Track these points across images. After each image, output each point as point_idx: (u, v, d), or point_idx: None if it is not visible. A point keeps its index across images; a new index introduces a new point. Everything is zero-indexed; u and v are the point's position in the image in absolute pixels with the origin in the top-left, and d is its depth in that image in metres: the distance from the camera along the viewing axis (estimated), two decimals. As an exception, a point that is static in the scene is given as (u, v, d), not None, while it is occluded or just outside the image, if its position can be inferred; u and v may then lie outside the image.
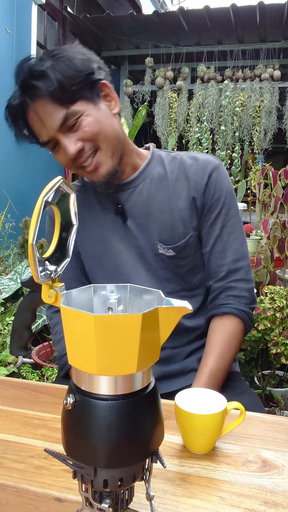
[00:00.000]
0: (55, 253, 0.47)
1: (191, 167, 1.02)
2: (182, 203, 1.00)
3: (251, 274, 1.04)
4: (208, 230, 1.02)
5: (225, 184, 1.03)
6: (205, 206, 1.01)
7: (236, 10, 4.59)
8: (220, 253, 1.01)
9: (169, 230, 1.00)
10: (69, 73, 0.85)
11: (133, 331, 0.40)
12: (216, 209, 1.01)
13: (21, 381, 0.94)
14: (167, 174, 1.03)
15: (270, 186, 2.31)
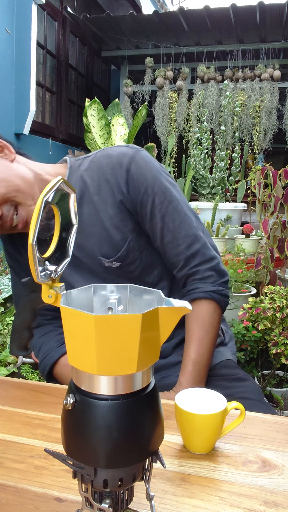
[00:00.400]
0: (55, 253, 0.47)
1: (107, 168, 0.97)
2: (111, 209, 0.96)
3: (210, 252, 1.00)
4: (151, 225, 0.97)
5: (148, 172, 0.96)
6: (136, 203, 0.96)
7: (236, 10, 4.59)
8: (171, 243, 0.97)
9: (107, 241, 0.97)
10: None
11: (133, 331, 0.40)
12: (149, 202, 0.95)
13: (21, 381, 0.94)
14: (87, 184, 0.98)
15: (270, 186, 2.31)
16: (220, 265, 1.00)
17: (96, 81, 6.01)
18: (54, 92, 4.82)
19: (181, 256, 0.97)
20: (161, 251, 1.00)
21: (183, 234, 0.97)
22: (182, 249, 0.97)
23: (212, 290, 0.97)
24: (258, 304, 2.11)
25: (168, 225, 0.96)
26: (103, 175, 0.97)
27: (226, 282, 1.01)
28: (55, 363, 1.03)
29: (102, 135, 4.21)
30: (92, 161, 1.01)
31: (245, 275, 2.50)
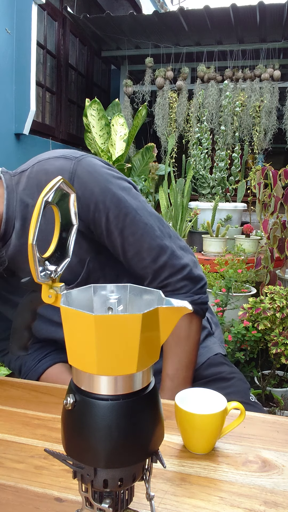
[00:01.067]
0: (55, 253, 0.47)
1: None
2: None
3: (180, 260, 0.91)
4: (109, 242, 0.88)
5: (94, 185, 0.85)
6: (88, 224, 0.86)
7: (236, 10, 4.59)
8: (136, 257, 0.89)
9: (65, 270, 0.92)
10: None
11: (133, 331, 0.40)
12: (102, 219, 0.85)
13: (21, 381, 0.94)
14: (29, 207, 0.87)
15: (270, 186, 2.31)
16: (192, 272, 0.93)
17: (96, 81, 6.01)
18: (54, 92, 4.81)
19: (148, 269, 0.90)
20: (126, 265, 0.93)
21: (146, 247, 0.88)
22: (148, 263, 0.89)
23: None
24: (258, 304, 2.11)
25: (128, 239, 0.87)
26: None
27: (202, 287, 0.95)
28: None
29: (102, 135, 4.21)
30: (29, 177, 0.89)
31: (245, 275, 2.50)
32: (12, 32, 3.65)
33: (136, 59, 5.71)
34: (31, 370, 1.04)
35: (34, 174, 0.88)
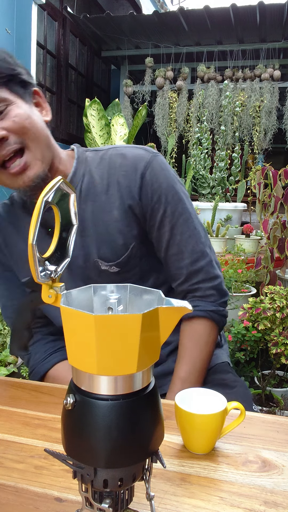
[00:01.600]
0: (55, 253, 0.47)
1: (120, 169, 0.92)
2: (117, 212, 0.91)
3: (214, 270, 0.97)
4: (158, 234, 0.93)
5: (163, 179, 0.92)
6: (146, 211, 0.92)
7: (236, 10, 4.59)
8: (176, 256, 0.94)
9: (108, 245, 0.92)
10: None
11: (133, 331, 0.40)
12: (160, 211, 0.92)
13: (21, 381, 0.94)
14: (95, 181, 0.93)
15: (270, 186, 2.31)
16: (222, 285, 0.98)
17: (96, 81, 6.01)
18: (54, 92, 4.82)
19: (184, 270, 0.94)
20: (163, 262, 0.97)
21: (190, 248, 0.94)
22: (186, 264, 0.94)
23: (212, 310, 0.95)
24: (258, 304, 2.11)
25: (176, 237, 0.93)
26: (115, 175, 0.93)
27: (226, 302, 0.99)
28: (42, 378, 1.02)
29: (102, 135, 4.21)
30: (103, 157, 0.95)
31: (245, 275, 2.50)
32: (12, 32, 3.65)
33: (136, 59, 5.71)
34: (38, 364, 1.03)
35: (109, 156, 0.95)
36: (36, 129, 0.84)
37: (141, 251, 0.95)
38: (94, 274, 0.94)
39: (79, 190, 0.93)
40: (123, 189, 0.92)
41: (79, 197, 0.92)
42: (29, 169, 0.84)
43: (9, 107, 0.82)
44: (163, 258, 0.96)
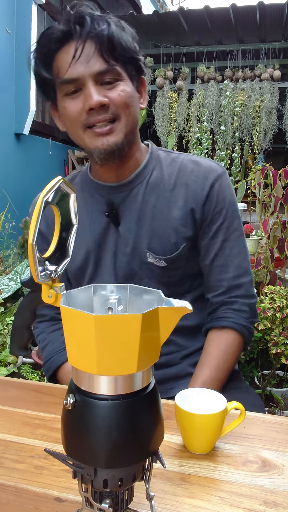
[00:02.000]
0: (55, 253, 0.47)
1: (191, 174, 0.98)
2: (177, 211, 0.96)
3: (253, 290, 1.01)
4: (209, 243, 0.98)
5: (228, 195, 0.99)
6: (206, 218, 0.97)
7: (236, 10, 4.59)
8: (221, 268, 0.98)
9: (159, 239, 0.96)
10: (127, 38, 0.87)
11: (133, 331, 0.40)
12: (218, 221, 0.97)
13: (21, 381, 0.94)
14: (164, 178, 0.98)
15: (270, 186, 2.31)
16: (255, 306, 1.02)
17: (96, 81, 6.01)
18: (54, 92, 4.81)
19: (225, 282, 0.98)
20: (205, 271, 1.01)
21: (236, 263, 0.98)
22: (229, 277, 0.98)
23: (243, 325, 0.97)
24: (258, 304, 2.11)
25: (225, 250, 0.98)
26: (183, 177, 0.98)
27: (254, 323, 1.03)
28: (59, 368, 1.02)
29: (102, 135, 4.20)
30: (174, 159, 1.01)
31: (245, 275, 2.49)
32: (12, 32, 3.65)
33: (136, 59, 5.70)
34: (57, 354, 1.02)
35: (181, 160, 1.00)
36: (132, 109, 0.90)
37: (189, 254, 0.98)
38: (136, 265, 0.98)
39: (147, 182, 0.98)
40: (189, 192, 0.96)
41: (145, 188, 0.98)
42: (111, 135, 0.88)
43: (119, 81, 0.87)
44: (207, 267, 1.00)
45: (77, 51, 0.83)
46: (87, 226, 1.00)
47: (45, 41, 0.87)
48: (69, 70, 0.85)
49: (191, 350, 1.04)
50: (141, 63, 0.92)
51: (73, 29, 0.83)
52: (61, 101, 0.90)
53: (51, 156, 4.54)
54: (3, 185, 3.63)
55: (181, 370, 1.02)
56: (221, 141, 4.07)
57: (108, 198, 0.97)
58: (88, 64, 0.84)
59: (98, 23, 0.84)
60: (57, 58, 0.87)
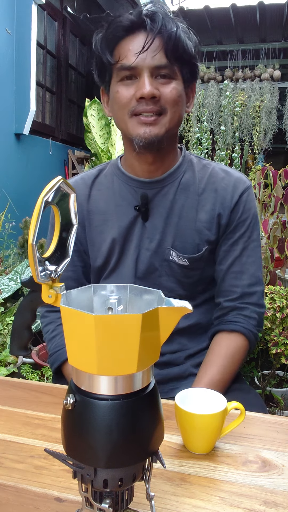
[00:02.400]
0: (55, 253, 0.47)
1: (222, 181, 1.01)
2: (204, 215, 0.99)
3: (263, 300, 1.04)
4: (228, 249, 1.02)
5: (253, 206, 1.04)
6: (230, 224, 1.01)
7: (236, 10, 4.59)
8: (236, 274, 1.01)
9: (184, 239, 0.99)
10: (189, 43, 0.91)
11: (133, 331, 0.40)
12: (241, 230, 1.01)
13: (21, 381, 0.94)
14: (195, 181, 1.02)
15: (270, 186, 2.31)
16: (263, 316, 1.05)
17: (96, 81, 6.00)
18: (54, 92, 4.81)
19: (239, 289, 1.01)
20: (220, 275, 1.03)
21: (251, 272, 1.02)
22: (243, 284, 1.01)
23: (252, 331, 1.00)
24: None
25: (242, 258, 1.01)
26: (214, 184, 1.01)
27: (260, 332, 1.06)
28: (65, 361, 1.02)
29: (102, 135, 4.21)
30: (206, 165, 1.05)
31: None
32: (12, 32, 3.65)
33: (136, 59, 5.70)
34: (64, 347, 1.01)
35: (213, 167, 1.04)
36: (179, 108, 0.94)
37: (208, 258, 1.02)
38: (157, 261, 1.00)
39: (178, 182, 1.01)
40: (218, 198, 1.00)
41: (176, 188, 1.01)
42: (155, 126, 0.91)
43: (172, 80, 0.92)
44: (223, 272, 1.02)
45: (146, 42, 0.87)
46: (114, 217, 1.02)
47: (113, 28, 0.91)
48: (131, 58, 0.89)
49: (195, 350, 1.05)
50: (197, 69, 0.97)
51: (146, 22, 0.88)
52: (114, 85, 0.93)
53: (51, 156, 4.54)
54: (3, 185, 3.63)
55: (184, 370, 1.03)
56: (221, 141, 4.07)
57: (143, 192, 0.99)
58: (150, 56, 0.88)
59: (169, 22, 0.89)
60: (121, 44, 0.91)
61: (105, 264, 1.04)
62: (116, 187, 1.04)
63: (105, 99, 1.02)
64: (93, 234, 1.04)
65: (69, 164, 4.93)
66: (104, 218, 1.03)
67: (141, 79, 0.89)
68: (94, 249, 1.04)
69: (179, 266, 0.99)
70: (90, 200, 1.05)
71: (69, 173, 4.86)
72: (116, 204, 1.02)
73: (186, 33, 0.92)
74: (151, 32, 0.88)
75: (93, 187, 1.06)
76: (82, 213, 1.04)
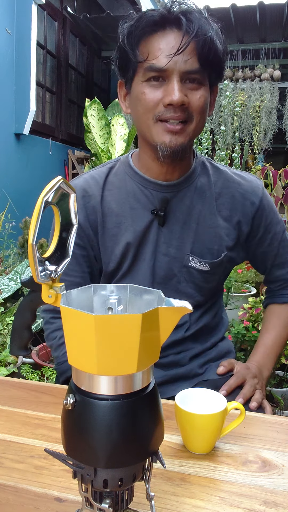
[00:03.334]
0: (55, 253, 0.47)
1: (238, 187, 1.00)
2: (222, 221, 0.99)
3: None
4: (267, 250, 1.06)
5: (273, 205, 1.05)
6: (256, 230, 1.02)
7: (236, 10, 4.59)
8: (278, 266, 1.09)
9: (203, 244, 0.98)
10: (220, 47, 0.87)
11: (133, 331, 0.40)
12: (272, 231, 1.04)
13: (21, 381, 0.94)
14: (211, 186, 1.00)
15: (270, 186, 2.31)
16: None
17: (96, 81, 6.01)
18: (54, 92, 4.81)
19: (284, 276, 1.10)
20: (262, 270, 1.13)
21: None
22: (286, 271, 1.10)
23: None
24: (258, 304, 2.11)
25: (280, 251, 1.07)
26: (230, 188, 1.00)
27: None
28: None
29: (102, 135, 4.21)
30: (218, 168, 1.04)
31: (245, 275, 2.50)
32: (12, 32, 3.65)
33: (136, 59, 5.69)
34: None
35: (225, 171, 1.04)
36: (204, 116, 0.91)
37: (224, 264, 1.02)
38: (176, 267, 0.99)
39: (195, 186, 0.99)
40: (237, 205, 1.00)
41: (193, 193, 0.99)
42: (181, 135, 0.88)
43: (201, 86, 0.88)
44: (267, 268, 1.10)
45: (182, 45, 0.82)
46: (129, 220, 0.98)
47: (144, 22, 0.86)
48: (162, 59, 0.83)
49: (200, 350, 1.05)
50: (222, 74, 0.94)
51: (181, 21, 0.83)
52: (139, 85, 0.88)
53: (51, 156, 4.53)
54: (3, 185, 3.63)
55: (190, 370, 1.03)
56: (221, 141, 4.07)
57: (163, 196, 0.96)
58: (183, 60, 0.83)
59: (205, 24, 0.84)
60: (150, 41, 0.85)
61: (117, 268, 1.00)
62: (129, 188, 0.99)
63: (122, 93, 0.96)
64: (105, 237, 0.99)
65: (69, 164, 4.93)
66: (117, 220, 0.98)
67: (170, 83, 0.84)
68: (107, 253, 1.00)
69: (199, 271, 0.98)
70: (103, 201, 0.99)
71: (69, 173, 4.86)
72: (130, 207, 0.98)
73: (218, 36, 0.88)
74: (187, 34, 0.82)
75: (105, 187, 1.01)
76: (95, 216, 0.99)
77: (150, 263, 0.98)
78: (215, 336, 1.09)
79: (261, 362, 1.04)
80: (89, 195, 0.99)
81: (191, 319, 1.03)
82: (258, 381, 0.97)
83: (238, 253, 1.03)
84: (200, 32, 0.83)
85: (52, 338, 1.03)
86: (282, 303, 1.11)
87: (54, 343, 1.01)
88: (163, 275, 0.99)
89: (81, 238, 0.99)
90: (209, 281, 1.01)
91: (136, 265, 0.99)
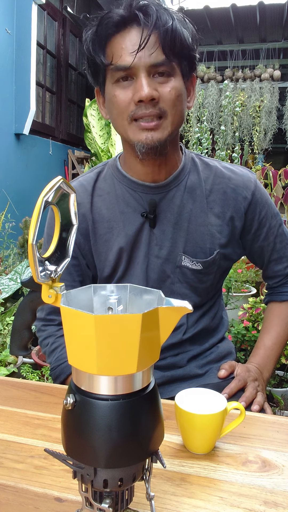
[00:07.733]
0: (55, 253, 0.47)
1: (229, 182, 0.98)
2: (214, 218, 0.97)
3: None
4: (263, 244, 1.04)
5: (267, 197, 1.03)
6: (251, 224, 1.00)
7: (236, 10, 4.59)
8: (277, 260, 1.08)
9: (195, 243, 0.97)
10: (187, 34, 0.85)
11: (133, 331, 0.40)
12: (267, 224, 1.02)
13: (21, 381, 0.94)
14: (201, 183, 0.98)
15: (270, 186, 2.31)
16: None
17: (96, 81, 6.00)
18: (54, 92, 4.81)
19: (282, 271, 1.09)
20: (260, 265, 1.11)
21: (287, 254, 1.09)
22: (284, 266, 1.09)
23: None
24: (258, 304, 2.11)
25: (277, 246, 1.06)
26: (221, 184, 0.98)
27: None
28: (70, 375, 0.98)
29: (102, 135, 4.21)
30: (208, 164, 1.02)
31: (245, 275, 2.50)
32: (12, 32, 3.65)
33: (136, 59, 5.69)
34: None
35: (215, 166, 1.01)
36: (180, 108, 0.88)
37: (220, 262, 1.01)
38: (169, 269, 0.98)
39: (184, 185, 0.97)
40: (229, 200, 0.98)
41: (182, 192, 0.97)
42: (156, 131, 0.86)
43: (171, 77, 0.85)
44: (264, 263, 1.09)
45: (142, 40, 0.80)
46: (120, 224, 0.97)
47: (104, 25, 0.84)
48: (126, 58, 0.82)
49: (198, 352, 1.05)
50: (195, 60, 0.90)
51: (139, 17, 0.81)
52: (110, 88, 0.88)
53: (51, 156, 4.54)
54: (3, 185, 3.63)
55: (189, 371, 1.03)
56: (221, 141, 4.06)
57: (151, 198, 0.95)
58: (146, 54, 0.82)
59: (164, 14, 0.82)
60: (113, 42, 0.85)
61: (112, 273, 1.00)
62: (118, 192, 0.98)
63: (100, 101, 0.96)
64: (98, 243, 0.99)
65: (69, 164, 4.93)
66: (109, 226, 0.98)
67: (138, 80, 0.83)
68: (101, 259, 0.99)
69: (192, 271, 0.97)
70: (93, 208, 0.99)
71: (69, 173, 4.86)
72: (120, 211, 0.97)
73: (182, 23, 0.85)
74: (145, 28, 0.80)
75: (94, 193, 1.00)
76: (86, 224, 0.98)
77: (143, 266, 0.97)
78: (214, 337, 1.08)
79: (261, 363, 1.03)
80: (78, 203, 0.98)
81: (188, 322, 1.02)
82: (259, 384, 0.97)
83: (233, 249, 1.01)
84: (159, 23, 0.80)
85: (44, 345, 1.03)
86: (282, 301, 1.10)
87: (47, 350, 1.03)
88: (156, 278, 0.98)
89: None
90: (203, 281, 1.00)
91: (131, 269, 0.99)
